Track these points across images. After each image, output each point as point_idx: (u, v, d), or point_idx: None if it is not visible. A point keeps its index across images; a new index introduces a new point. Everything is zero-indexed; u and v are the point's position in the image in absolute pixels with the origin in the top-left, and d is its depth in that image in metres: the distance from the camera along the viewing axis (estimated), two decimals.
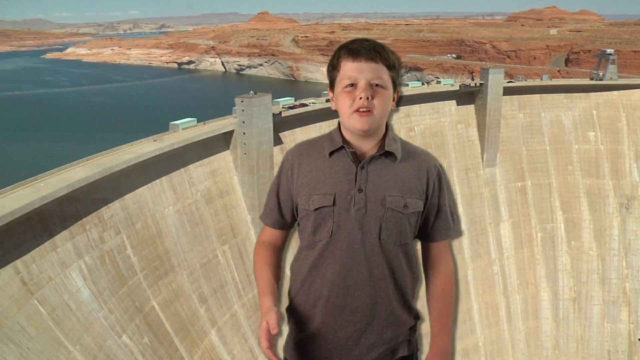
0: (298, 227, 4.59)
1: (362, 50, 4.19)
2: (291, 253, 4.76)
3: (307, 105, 57.87)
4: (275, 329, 4.11)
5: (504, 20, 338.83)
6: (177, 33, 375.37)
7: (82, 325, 32.44)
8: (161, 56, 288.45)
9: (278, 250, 4.78)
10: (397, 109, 4.49)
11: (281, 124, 53.50)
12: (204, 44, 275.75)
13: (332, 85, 4.37)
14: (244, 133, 49.71)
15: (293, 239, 4.86)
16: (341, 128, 4.41)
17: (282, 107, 55.67)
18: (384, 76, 4.19)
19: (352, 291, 4.29)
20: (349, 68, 4.19)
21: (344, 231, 4.24)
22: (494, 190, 70.22)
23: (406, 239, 4.36)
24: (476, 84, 70.79)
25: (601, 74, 78.53)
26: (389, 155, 4.33)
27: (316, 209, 4.29)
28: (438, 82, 79.40)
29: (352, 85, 4.17)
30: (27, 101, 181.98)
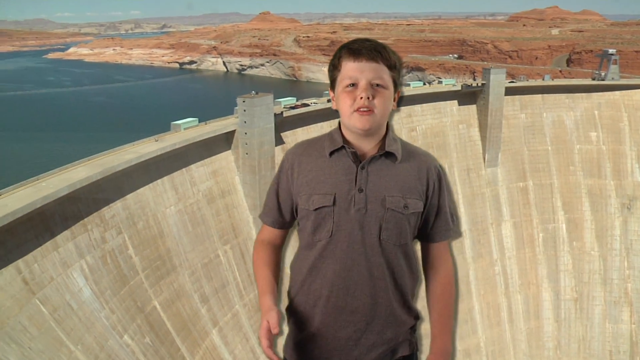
0: (298, 227, 4.59)
1: (363, 50, 4.19)
2: (290, 252, 4.75)
3: (309, 105, 57.86)
4: (276, 329, 4.11)
5: (506, 20, 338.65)
6: (179, 33, 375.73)
7: (84, 325, 32.47)
8: (163, 56, 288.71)
9: (277, 249, 4.78)
10: (398, 109, 4.49)
11: (283, 124, 53.51)
12: (206, 44, 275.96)
13: (333, 85, 4.37)
14: (246, 133, 49.73)
15: (293, 238, 4.85)
16: (342, 128, 4.41)
17: (284, 107, 55.67)
18: (385, 76, 4.19)
19: (352, 291, 4.28)
20: (350, 68, 4.19)
21: (344, 231, 4.24)
22: (496, 190, 70.18)
23: (406, 240, 4.36)
24: (478, 84, 70.72)
25: (603, 74, 78.44)
26: (390, 155, 4.33)
27: (316, 209, 4.28)
28: (440, 82, 79.26)
29: (353, 85, 4.17)
30: (29, 101, 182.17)
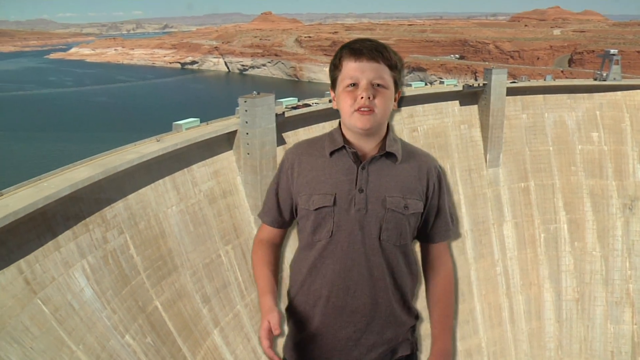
0: (297, 227, 4.58)
1: (364, 50, 4.19)
2: (289, 251, 4.74)
3: (310, 105, 57.86)
4: (277, 330, 4.11)
5: (507, 20, 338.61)
6: (181, 33, 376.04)
7: (85, 324, 32.50)
8: (164, 56, 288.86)
9: (276, 248, 4.77)
10: (399, 110, 4.49)
11: (284, 124, 53.52)
12: (207, 44, 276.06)
13: (334, 84, 4.37)
14: (247, 133, 49.75)
15: (292, 237, 4.85)
16: (342, 128, 4.40)
17: (285, 108, 55.68)
18: (386, 76, 4.18)
19: (353, 291, 4.28)
20: (351, 68, 4.19)
21: (344, 231, 4.24)
22: (497, 190, 70.15)
23: (405, 240, 4.35)
24: (479, 85, 70.70)
25: (605, 75, 78.38)
26: (390, 156, 4.33)
27: (316, 209, 4.27)
28: (441, 83, 79.20)
29: (354, 84, 4.17)
30: (31, 101, 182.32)
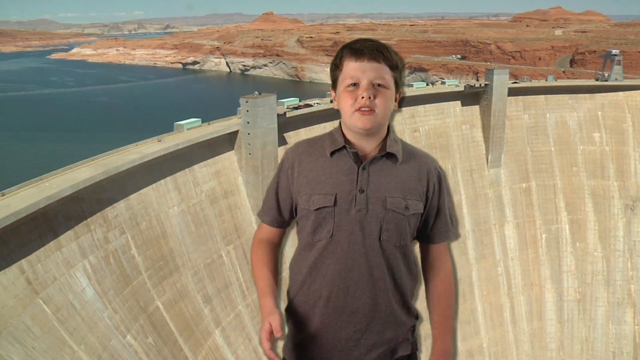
0: (297, 226, 4.57)
1: (365, 49, 4.18)
2: (288, 250, 4.72)
3: (312, 105, 57.87)
4: (279, 332, 4.11)
5: (509, 20, 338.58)
6: (182, 33, 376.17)
7: (87, 324, 32.53)
8: (166, 56, 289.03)
9: (276, 247, 4.76)
10: (400, 110, 4.48)
11: (286, 125, 53.53)
12: (209, 45, 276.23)
13: (335, 84, 4.36)
14: (249, 133, 49.77)
15: (291, 237, 4.83)
16: (342, 128, 4.39)
17: (287, 108, 55.70)
18: (387, 76, 4.18)
19: (353, 291, 4.27)
20: (352, 67, 4.18)
21: (345, 232, 4.23)
22: (499, 191, 70.11)
23: (405, 241, 4.35)
24: (481, 85, 70.68)
25: (606, 75, 78.36)
26: (390, 156, 4.32)
27: (317, 209, 4.26)
28: (443, 83, 79.24)
29: (355, 84, 4.16)
30: (33, 101, 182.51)
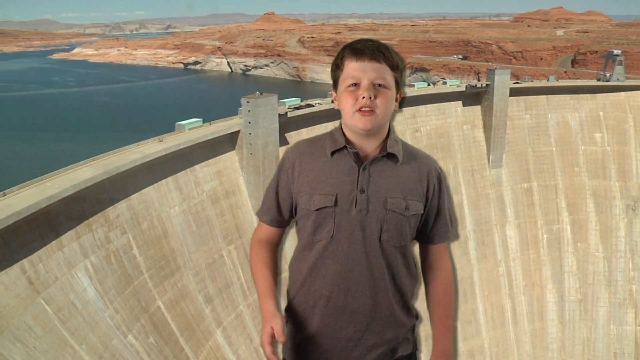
0: (296, 226, 4.57)
1: (366, 50, 4.18)
2: (289, 249, 4.72)
3: (313, 105, 57.85)
4: (282, 337, 4.11)
5: (511, 21, 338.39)
6: (184, 33, 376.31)
7: (88, 324, 32.56)
8: (167, 56, 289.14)
9: (275, 247, 4.75)
10: (400, 110, 4.49)
11: (287, 125, 53.54)
12: (210, 45, 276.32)
13: (336, 84, 4.36)
14: (250, 133, 49.79)
15: (291, 235, 4.82)
16: (343, 128, 4.39)
17: (288, 108, 55.69)
18: (387, 76, 4.18)
19: (353, 292, 4.27)
20: (353, 68, 4.18)
21: (345, 232, 4.23)
22: (500, 191, 70.08)
23: (405, 241, 4.36)
24: (482, 85, 70.64)
25: (608, 75, 78.35)
26: (391, 157, 4.32)
27: (317, 209, 4.26)
28: (444, 83, 79.17)
29: (355, 84, 4.16)
30: (34, 101, 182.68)
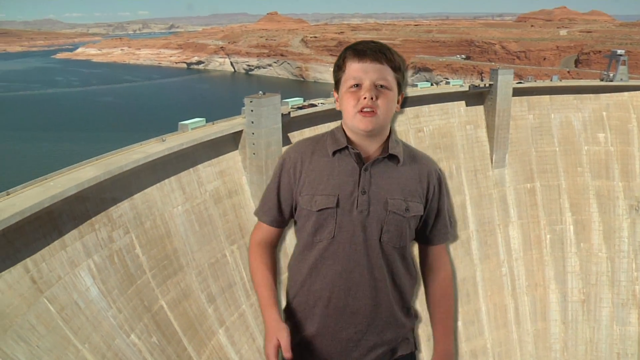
0: (295, 226, 4.56)
1: (368, 51, 4.20)
2: (289, 248, 4.70)
3: (316, 105, 57.83)
4: (289, 352, 4.09)
5: (514, 20, 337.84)
6: (187, 33, 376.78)
7: (91, 324, 32.62)
8: (170, 56, 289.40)
9: (274, 249, 4.73)
10: (402, 111, 4.50)
11: (290, 125, 53.54)
12: (213, 44, 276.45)
13: (337, 85, 4.37)
14: (253, 133, 49.80)
15: (290, 235, 4.78)
16: (344, 128, 4.40)
17: (291, 108, 55.70)
18: (389, 77, 4.19)
19: (354, 292, 4.28)
20: (354, 68, 4.20)
21: (346, 233, 4.23)
22: (503, 191, 70.00)
23: (405, 242, 4.37)
24: (485, 85, 70.54)
25: (611, 75, 78.14)
26: (392, 158, 4.34)
27: (319, 210, 4.26)
28: (447, 83, 79.11)
29: (357, 85, 4.17)
30: (38, 101, 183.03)
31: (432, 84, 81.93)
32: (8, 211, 29.34)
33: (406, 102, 4.54)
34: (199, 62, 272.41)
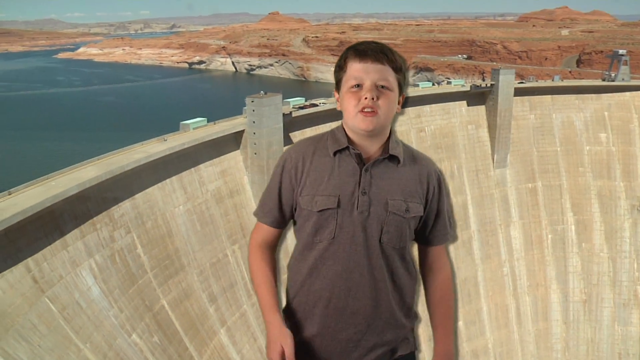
0: (294, 226, 4.54)
1: (369, 51, 4.20)
2: (289, 247, 4.70)
3: (318, 105, 57.85)
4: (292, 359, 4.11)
5: (515, 20, 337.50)
6: (188, 33, 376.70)
7: (93, 323, 32.64)
8: (172, 56, 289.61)
9: (274, 250, 4.70)
10: (402, 112, 4.50)
11: (291, 124, 53.56)
12: (215, 44, 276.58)
13: (338, 85, 4.36)
14: (254, 133, 49.81)
15: (289, 235, 4.75)
16: (345, 128, 4.39)
17: (293, 107, 55.72)
18: (390, 78, 4.18)
19: (354, 293, 4.27)
20: (356, 69, 4.19)
21: (347, 233, 4.23)
22: (505, 191, 69.97)
23: (405, 243, 4.37)
24: (487, 85, 70.51)
25: (613, 75, 78.10)
26: (392, 158, 4.34)
27: (320, 211, 4.25)
28: (449, 83, 79.02)
29: (358, 85, 4.17)
30: (39, 101, 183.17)
31: (434, 84, 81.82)
32: (10, 210, 29.38)
33: (407, 103, 4.53)
34: (201, 62, 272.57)
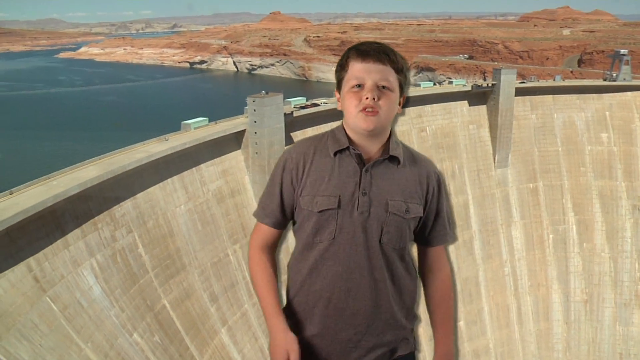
0: (293, 226, 4.54)
1: (371, 51, 4.21)
2: (289, 247, 4.69)
3: (319, 105, 57.83)
4: None
5: (517, 20, 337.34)
6: (189, 33, 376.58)
7: (94, 323, 32.68)
8: (173, 56, 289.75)
9: (274, 251, 4.69)
10: (403, 113, 4.50)
11: (293, 124, 53.56)
12: (216, 44, 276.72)
13: (340, 85, 4.37)
14: (256, 133, 49.83)
15: (289, 235, 4.73)
16: (345, 128, 4.39)
17: (294, 107, 55.70)
18: (391, 78, 4.19)
19: (354, 293, 4.27)
20: (357, 69, 4.20)
21: (347, 234, 4.23)
22: (506, 191, 69.95)
23: (404, 243, 4.38)
24: (488, 85, 70.51)
25: (614, 75, 78.07)
26: (392, 159, 4.34)
27: (320, 211, 4.25)
28: (450, 83, 78.96)
29: (360, 85, 4.18)
30: (41, 100, 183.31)
31: (435, 84, 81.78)
32: (11, 210, 29.42)
33: (408, 102, 4.54)
34: (202, 62, 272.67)
